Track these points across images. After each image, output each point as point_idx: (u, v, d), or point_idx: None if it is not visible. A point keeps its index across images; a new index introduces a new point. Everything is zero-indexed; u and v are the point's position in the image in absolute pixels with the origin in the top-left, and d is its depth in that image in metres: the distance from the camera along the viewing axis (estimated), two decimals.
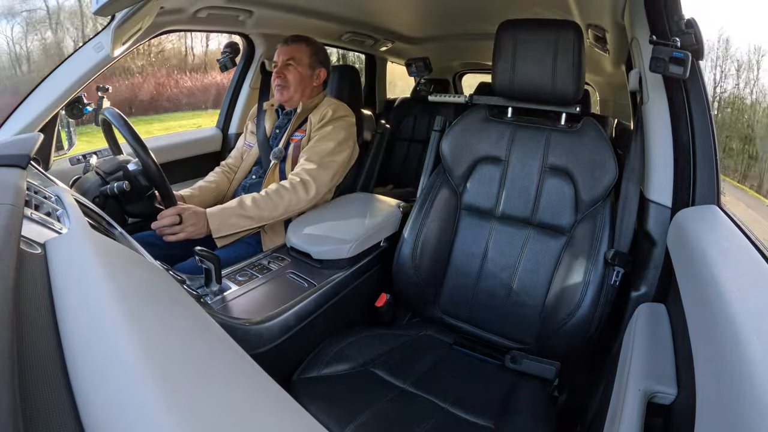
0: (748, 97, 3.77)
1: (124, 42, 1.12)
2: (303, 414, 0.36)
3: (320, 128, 1.29)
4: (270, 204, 1.14)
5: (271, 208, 1.14)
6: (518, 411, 0.85)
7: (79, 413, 0.26)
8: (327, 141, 1.26)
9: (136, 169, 1.08)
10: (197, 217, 1.06)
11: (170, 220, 1.03)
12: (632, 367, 0.61)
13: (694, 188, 0.84)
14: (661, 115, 0.89)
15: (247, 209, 1.11)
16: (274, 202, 1.14)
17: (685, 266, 0.65)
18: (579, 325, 0.93)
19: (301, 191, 1.17)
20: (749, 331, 0.41)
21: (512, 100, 1.10)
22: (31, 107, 1.10)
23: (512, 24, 1.04)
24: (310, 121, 1.32)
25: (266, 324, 0.85)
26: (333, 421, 0.78)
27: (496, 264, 1.07)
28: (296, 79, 1.32)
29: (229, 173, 1.46)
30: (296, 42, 1.35)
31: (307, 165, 1.22)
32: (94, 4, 0.86)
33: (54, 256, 0.42)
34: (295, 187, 1.17)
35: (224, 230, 1.08)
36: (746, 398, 0.34)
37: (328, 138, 1.26)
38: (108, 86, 1.32)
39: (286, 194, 1.16)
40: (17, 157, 0.67)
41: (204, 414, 0.28)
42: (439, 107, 2.23)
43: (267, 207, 1.13)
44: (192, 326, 0.43)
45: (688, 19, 0.84)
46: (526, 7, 1.44)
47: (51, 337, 0.31)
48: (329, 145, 1.25)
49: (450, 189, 1.13)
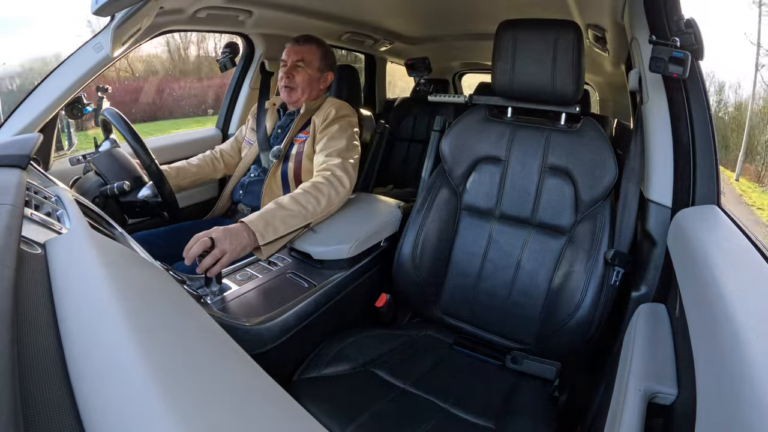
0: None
1: (124, 42, 1.12)
2: (303, 414, 0.36)
3: (326, 128, 1.27)
4: (311, 199, 1.06)
5: (313, 203, 1.06)
6: (519, 411, 0.85)
7: (80, 413, 0.26)
8: (339, 139, 1.24)
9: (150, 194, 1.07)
10: (231, 232, 0.91)
11: (200, 247, 0.86)
12: (632, 368, 0.61)
13: (694, 188, 0.84)
14: (661, 115, 0.89)
15: (290, 207, 1.01)
16: (315, 197, 1.07)
17: (686, 266, 0.65)
18: (579, 326, 0.93)
19: (337, 185, 1.12)
20: (749, 331, 0.41)
21: (512, 100, 1.10)
22: (31, 107, 1.10)
23: (512, 24, 1.04)
24: (313, 122, 1.31)
25: (266, 324, 0.85)
26: (333, 421, 0.78)
27: (497, 264, 1.07)
28: (304, 81, 1.31)
29: (218, 162, 1.44)
30: (307, 43, 1.33)
31: (332, 161, 1.18)
32: (93, 4, 0.86)
33: (54, 256, 0.42)
34: (331, 181, 1.12)
35: (269, 235, 0.96)
36: (747, 399, 0.34)
37: (338, 137, 1.25)
38: (108, 86, 1.32)
39: (325, 188, 1.09)
40: (17, 157, 0.67)
41: (204, 414, 0.28)
42: (438, 107, 2.23)
43: (309, 202, 1.05)
44: (192, 326, 0.43)
45: (687, 19, 0.84)
46: (525, 7, 1.44)
47: (51, 337, 0.31)
48: (342, 143, 1.23)
49: (450, 189, 1.13)
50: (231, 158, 1.47)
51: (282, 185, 1.32)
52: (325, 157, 1.20)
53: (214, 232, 0.89)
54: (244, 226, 0.94)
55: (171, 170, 1.31)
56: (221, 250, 0.88)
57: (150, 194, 1.07)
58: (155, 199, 1.07)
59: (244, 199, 1.37)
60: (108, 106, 1.17)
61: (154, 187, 1.07)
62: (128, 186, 1.05)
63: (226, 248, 0.88)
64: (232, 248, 0.89)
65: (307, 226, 1.07)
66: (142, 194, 1.07)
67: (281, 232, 0.98)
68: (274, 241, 0.98)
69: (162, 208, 1.11)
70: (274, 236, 0.97)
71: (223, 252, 0.88)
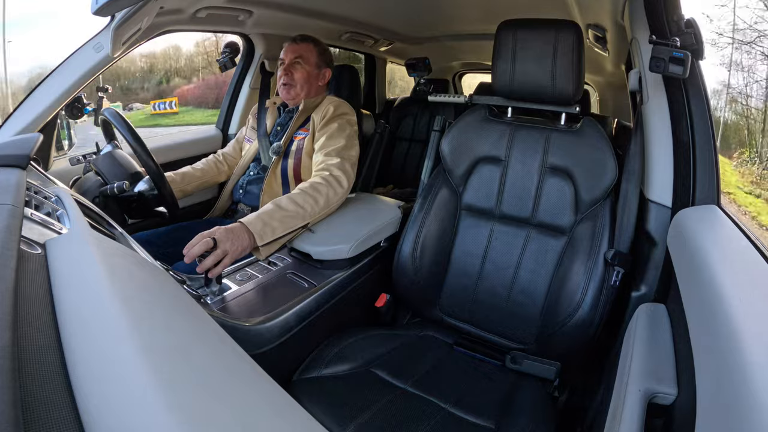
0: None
1: (124, 42, 1.12)
2: (303, 414, 0.36)
3: (324, 126, 1.28)
4: (309, 199, 1.06)
5: (311, 203, 1.06)
6: (519, 411, 0.85)
7: (79, 413, 0.26)
8: (337, 138, 1.24)
9: (147, 188, 1.08)
10: (233, 233, 0.91)
11: (202, 247, 0.86)
12: (632, 368, 0.61)
13: (694, 188, 0.84)
14: (661, 115, 0.89)
15: (287, 208, 1.02)
16: (313, 197, 1.07)
17: (686, 266, 0.65)
18: (579, 326, 0.93)
19: (335, 184, 1.13)
20: (749, 331, 0.41)
21: (512, 100, 1.10)
22: (31, 107, 1.10)
23: (512, 24, 1.04)
24: (312, 119, 1.31)
25: (266, 324, 0.85)
26: (333, 421, 0.78)
27: (497, 264, 1.07)
28: (303, 78, 1.33)
29: (222, 164, 1.45)
30: (304, 41, 1.35)
31: (330, 160, 1.18)
32: (93, 4, 0.86)
33: (54, 256, 0.42)
34: (329, 181, 1.12)
35: (267, 236, 0.96)
36: (747, 399, 0.34)
37: (336, 135, 1.25)
38: (108, 86, 1.32)
39: (323, 188, 1.10)
40: (17, 157, 0.67)
41: (204, 414, 0.28)
42: (438, 107, 2.23)
43: (307, 202, 1.05)
44: (192, 326, 0.43)
45: (687, 19, 0.84)
46: (525, 6, 1.44)
47: (51, 337, 0.31)
48: (341, 142, 1.23)
49: (450, 189, 1.13)
50: (234, 160, 1.47)
51: (282, 182, 1.32)
52: (324, 156, 1.21)
53: (216, 232, 0.89)
54: (244, 226, 0.94)
55: (176, 176, 1.32)
56: (223, 250, 0.88)
57: (147, 188, 1.07)
58: (151, 192, 1.07)
59: (244, 199, 1.37)
60: (108, 106, 1.17)
61: (151, 181, 1.08)
62: (127, 186, 1.05)
63: (228, 249, 0.88)
64: (233, 249, 0.89)
65: (305, 226, 1.07)
66: (139, 188, 1.08)
67: (279, 232, 0.99)
68: (272, 241, 0.98)
69: (159, 202, 1.10)
70: (272, 237, 0.97)
71: (225, 252, 0.88)
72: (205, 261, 0.87)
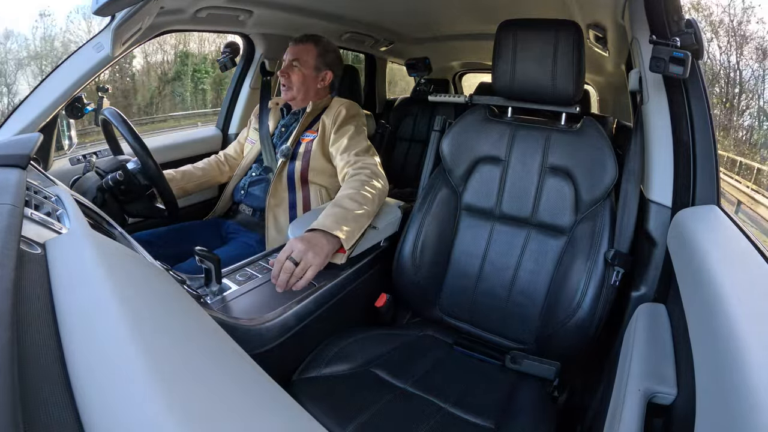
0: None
1: (124, 42, 1.12)
2: (303, 414, 0.36)
3: (340, 127, 1.27)
4: (366, 197, 1.03)
5: (369, 202, 1.03)
6: (519, 411, 0.85)
7: (79, 412, 0.26)
8: (360, 140, 1.24)
9: (135, 167, 1.08)
10: (310, 243, 0.88)
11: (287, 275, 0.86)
12: (632, 368, 0.61)
13: (694, 188, 0.84)
14: (661, 115, 0.89)
15: (353, 208, 0.98)
16: (367, 195, 1.04)
17: (685, 266, 0.65)
18: (579, 326, 0.93)
19: (376, 182, 1.10)
20: (749, 331, 0.41)
21: (512, 100, 1.10)
22: (31, 107, 1.10)
23: (512, 24, 1.04)
24: (322, 121, 1.30)
25: (266, 324, 0.85)
26: (333, 421, 0.78)
27: (496, 264, 1.07)
28: (299, 80, 1.31)
29: (224, 165, 1.45)
30: (304, 42, 1.33)
31: (366, 159, 1.17)
32: (94, 3, 0.86)
33: (54, 256, 0.42)
34: (371, 179, 1.10)
35: (351, 238, 0.94)
36: (746, 399, 0.34)
37: (355, 137, 1.24)
38: (107, 86, 1.32)
39: (369, 187, 1.07)
40: (17, 157, 0.67)
41: (204, 414, 0.28)
42: (439, 107, 2.23)
43: (365, 201, 1.02)
44: (192, 326, 0.43)
45: (688, 19, 0.84)
46: (526, 6, 1.44)
47: (51, 337, 0.31)
48: (363, 143, 1.23)
49: (450, 189, 1.13)
50: (236, 161, 1.47)
51: (287, 185, 1.31)
52: (355, 156, 1.18)
53: (293, 251, 0.87)
54: (321, 233, 0.92)
55: (177, 174, 1.32)
56: (306, 264, 0.87)
57: (135, 167, 1.06)
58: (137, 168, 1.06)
59: (245, 200, 1.36)
60: (108, 106, 1.17)
61: (138, 162, 1.07)
62: (121, 176, 1.05)
63: (311, 261, 0.87)
64: (318, 261, 0.88)
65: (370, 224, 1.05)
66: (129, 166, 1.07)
67: (357, 234, 0.97)
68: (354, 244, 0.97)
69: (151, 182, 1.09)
70: (353, 239, 0.95)
71: (309, 265, 0.87)
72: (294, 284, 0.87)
